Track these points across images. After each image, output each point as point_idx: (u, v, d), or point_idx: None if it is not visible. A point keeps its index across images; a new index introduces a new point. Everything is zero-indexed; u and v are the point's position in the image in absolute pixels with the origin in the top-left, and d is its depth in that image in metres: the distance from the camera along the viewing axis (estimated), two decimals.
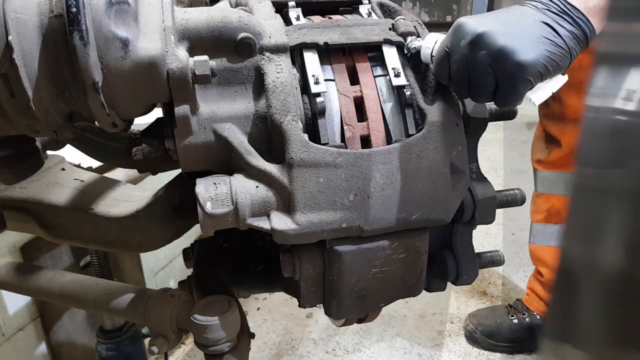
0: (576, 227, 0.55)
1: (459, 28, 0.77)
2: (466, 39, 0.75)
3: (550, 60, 0.73)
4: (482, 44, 0.74)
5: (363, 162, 0.79)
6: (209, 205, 0.77)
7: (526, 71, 0.72)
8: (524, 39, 0.73)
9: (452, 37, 0.78)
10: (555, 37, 0.74)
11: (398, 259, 0.86)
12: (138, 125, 1.00)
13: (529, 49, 0.72)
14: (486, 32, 0.74)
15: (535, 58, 0.72)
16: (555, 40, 0.74)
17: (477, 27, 0.75)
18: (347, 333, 2.37)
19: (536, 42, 0.73)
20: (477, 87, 0.77)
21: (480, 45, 0.74)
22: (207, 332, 0.89)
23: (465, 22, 0.76)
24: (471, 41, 0.75)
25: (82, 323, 1.97)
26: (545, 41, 0.73)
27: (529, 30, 0.74)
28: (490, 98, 0.77)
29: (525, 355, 2.25)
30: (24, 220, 1.09)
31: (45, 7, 0.69)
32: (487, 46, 0.73)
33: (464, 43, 0.76)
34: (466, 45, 0.75)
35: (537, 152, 2.10)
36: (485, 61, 0.74)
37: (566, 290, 0.56)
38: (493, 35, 0.73)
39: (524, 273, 2.72)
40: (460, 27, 0.77)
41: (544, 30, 0.74)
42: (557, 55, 0.74)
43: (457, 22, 0.77)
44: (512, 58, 0.72)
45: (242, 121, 0.81)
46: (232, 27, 0.80)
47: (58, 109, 0.74)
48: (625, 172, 0.49)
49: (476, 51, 0.74)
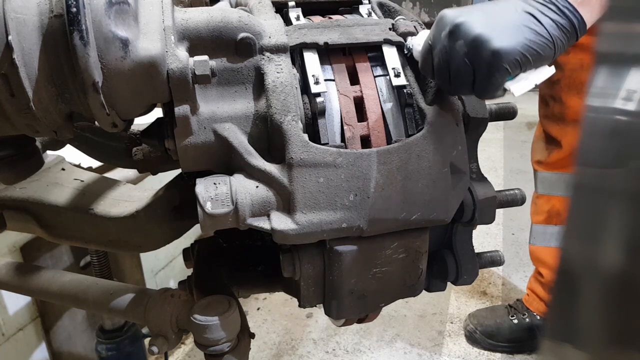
0: (576, 227, 0.55)
1: (439, 20, 0.77)
2: (445, 30, 0.75)
3: (529, 49, 0.72)
4: (460, 33, 0.73)
5: (363, 162, 0.79)
6: (209, 205, 0.77)
7: (502, 59, 0.71)
8: (502, 27, 0.72)
9: (434, 30, 0.78)
10: (537, 25, 0.72)
11: (398, 259, 0.86)
12: (138, 125, 1.00)
13: (507, 36, 0.71)
14: (464, 22, 0.73)
15: (512, 46, 0.71)
16: (536, 28, 0.72)
17: (455, 17, 0.74)
18: (347, 333, 2.37)
19: (515, 30, 0.72)
20: (456, 77, 0.76)
21: (458, 34, 0.74)
22: (207, 332, 0.89)
23: (445, 13, 0.76)
24: (450, 31, 0.74)
25: (82, 323, 1.97)
26: (525, 29, 0.72)
27: (510, 18, 0.73)
28: (471, 89, 0.76)
29: (525, 355, 2.25)
30: (24, 220, 1.09)
31: (45, 7, 0.69)
32: (464, 35, 0.73)
33: (444, 34, 0.75)
34: (445, 36, 0.75)
35: (537, 152, 2.10)
36: (461, 51, 0.73)
37: (566, 290, 0.56)
38: (470, 25, 0.73)
39: (524, 273, 2.72)
40: (440, 18, 0.77)
41: (524, 19, 0.73)
42: (537, 44, 0.72)
43: (439, 14, 0.77)
44: (487, 46, 0.71)
45: (242, 121, 0.81)
46: (232, 27, 0.80)
47: (58, 109, 0.74)
48: (625, 172, 0.49)
49: (454, 41, 0.74)
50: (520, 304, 2.31)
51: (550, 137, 2.03)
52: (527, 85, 0.74)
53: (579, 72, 1.82)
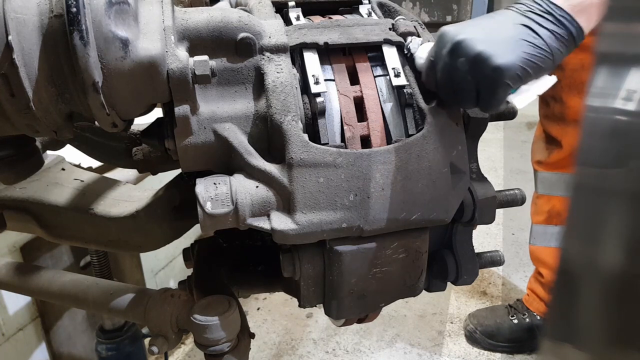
0: (576, 227, 0.55)
1: (440, 37, 0.78)
2: (447, 48, 0.76)
3: (528, 62, 0.73)
4: (461, 51, 0.75)
5: (363, 162, 0.79)
6: (209, 205, 0.77)
7: (504, 75, 0.72)
8: (501, 43, 0.73)
9: (435, 47, 0.79)
10: (535, 38, 0.74)
11: (398, 259, 0.86)
12: (138, 125, 1.00)
13: (506, 52, 0.72)
14: (464, 39, 0.75)
15: (512, 61, 0.72)
16: (534, 41, 0.74)
17: (456, 35, 0.76)
18: (347, 333, 2.37)
19: (513, 45, 0.73)
20: (459, 94, 0.78)
21: (459, 52, 0.75)
22: (207, 332, 0.89)
23: (446, 30, 0.77)
24: (451, 49, 0.76)
25: (82, 323, 1.97)
26: (523, 43, 0.73)
27: (507, 33, 0.74)
28: (475, 103, 0.78)
29: (525, 355, 2.25)
30: (24, 220, 1.09)
31: (45, 7, 0.69)
32: (465, 53, 0.74)
33: (445, 52, 0.77)
34: (447, 54, 0.76)
35: (538, 153, 2.10)
36: (463, 68, 0.75)
37: (566, 290, 0.56)
38: (470, 42, 0.74)
39: (524, 273, 2.72)
40: (441, 36, 0.78)
41: (522, 33, 0.74)
42: (536, 56, 0.73)
43: (440, 31, 0.79)
44: (489, 63, 0.72)
45: (242, 121, 0.81)
46: (232, 27, 0.80)
47: (58, 109, 0.74)
48: (625, 172, 0.49)
49: (455, 59, 0.75)
50: (521, 304, 2.31)
51: (550, 137, 2.03)
52: (530, 97, 0.76)
53: (580, 72, 1.82)
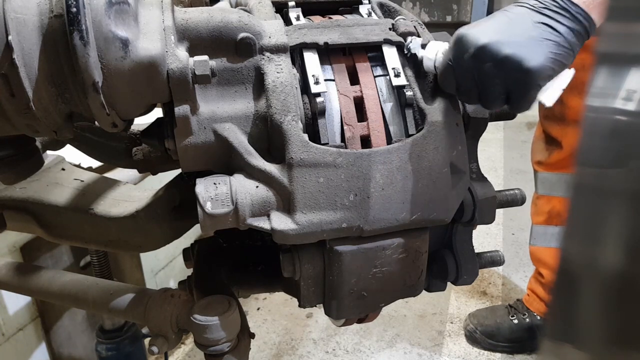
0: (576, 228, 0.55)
1: (460, 41, 0.77)
2: (469, 52, 0.75)
3: (555, 61, 0.73)
4: (486, 55, 0.74)
5: (363, 162, 0.79)
6: (209, 205, 0.77)
7: (536, 77, 0.73)
8: (527, 45, 0.73)
9: (454, 51, 0.78)
10: (557, 36, 0.74)
11: (398, 259, 0.86)
12: (138, 125, 1.00)
13: (534, 54, 0.72)
14: (488, 43, 0.74)
15: (542, 63, 0.72)
16: (557, 39, 0.74)
17: (478, 38, 0.74)
18: (347, 333, 2.37)
19: (539, 45, 0.73)
20: (487, 96, 0.77)
21: (484, 57, 0.74)
22: (207, 332, 0.89)
23: (466, 33, 0.76)
24: (474, 54, 0.75)
25: (82, 323, 1.97)
26: (548, 43, 0.73)
27: (530, 34, 0.74)
28: (503, 104, 0.77)
29: (525, 355, 2.25)
30: (24, 220, 1.09)
31: (45, 7, 0.69)
32: (492, 58, 0.73)
33: (467, 56, 0.75)
34: (470, 58, 0.75)
35: (538, 153, 2.10)
36: (492, 72, 0.74)
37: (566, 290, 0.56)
38: (495, 46, 0.73)
39: (524, 273, 2.72)
40: (461, 39, 0.76)
41: (544, 32, 0.74)
42: (561, 54, 0.74)
43: (458, 35, 0.77)
44: (520, 67, 0.72)
45: (242, 121, 0.81)
46: (232, 27, 0.80)
47: (58, 109, 0.74)
48: (625, 172, 0.49)
49: (481, 63, 0.74)
50: (521, 304, 2.31)
51: (550, 138, 2.03)
52: (557, 93, 0.75)
53: (580, 72, 1.80)
